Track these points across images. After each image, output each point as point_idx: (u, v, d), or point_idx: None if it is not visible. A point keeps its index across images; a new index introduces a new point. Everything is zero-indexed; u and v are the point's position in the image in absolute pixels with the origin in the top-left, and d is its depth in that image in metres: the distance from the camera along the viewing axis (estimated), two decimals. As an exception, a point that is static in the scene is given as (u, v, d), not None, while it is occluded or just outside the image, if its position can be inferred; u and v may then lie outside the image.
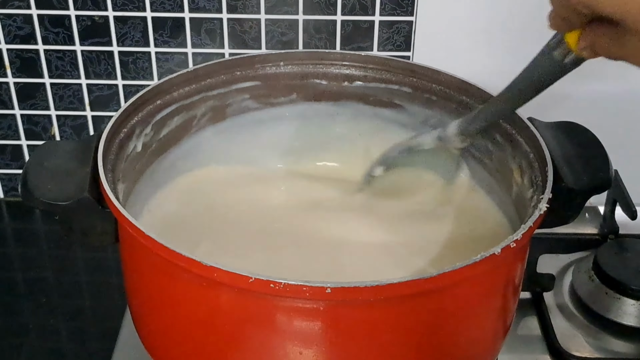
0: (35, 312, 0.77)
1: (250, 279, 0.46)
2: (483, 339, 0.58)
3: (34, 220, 0.90)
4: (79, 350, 0.73)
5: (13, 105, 0.86)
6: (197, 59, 0.83)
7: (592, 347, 0.70)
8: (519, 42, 0.82)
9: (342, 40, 0.82)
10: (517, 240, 0.51)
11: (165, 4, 0.80)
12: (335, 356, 0.51)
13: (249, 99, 0.72)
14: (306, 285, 0.46)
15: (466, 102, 0.69)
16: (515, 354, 0.69)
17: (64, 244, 0.85)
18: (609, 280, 0.72)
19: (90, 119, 0.87)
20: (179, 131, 0.69)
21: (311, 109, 0.74)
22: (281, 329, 0.51)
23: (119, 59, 0.83)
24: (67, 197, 0.55)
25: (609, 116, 0.84)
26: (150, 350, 0.61)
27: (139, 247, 0.53)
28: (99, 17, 0.81)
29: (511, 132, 0.65)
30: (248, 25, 0.81)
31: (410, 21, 0.81)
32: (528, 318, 0.73)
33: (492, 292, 0.56)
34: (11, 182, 0.91)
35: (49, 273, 0.83)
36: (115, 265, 0.61)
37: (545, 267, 0.73)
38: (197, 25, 0.81)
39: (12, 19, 0.81)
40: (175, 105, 0.68)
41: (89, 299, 0.79)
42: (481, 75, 0.70)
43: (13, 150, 0.89)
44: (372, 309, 0.49)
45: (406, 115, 0.73)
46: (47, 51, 0.83)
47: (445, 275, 0.48)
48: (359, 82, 0.73)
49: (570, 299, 0.74)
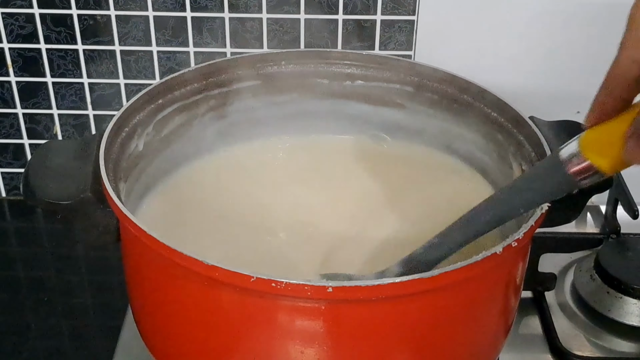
0: (37, 311, 0.77)
1: (252, 278, 0.47)
2: (484, 338, 0.58)
3: (35, 219, 0.90)
4: (81, 349, 0.73)
5: (15, 104, 0.86)
6: (198, 58, 0.83)
7: (593, 346, 0.70)
8: (520, 41, 0.83)
9: (344, 39, 0.82)
10: (518, 240, 0.51)
11: (167, 3, 0.80)
12: (336, 355, 0.51)
13: (251, 98, 0.73)
14: (307, 284, 0.46)
15: (468, 102, 0.69)
16: (517, 353, 0.69)
17: (66, 243, 0.85)
18: (611, 280, 0.72)
19: (92, 118, 0.87)
20: (180, 130, 0.69)
21: (312, 108, 0.74)
22: (282, 328, 0.51)
23: (121, 58, 0.83)
24: (68, 196, 0.55)
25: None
26: (151, 349, 0.61)
27: (140, 246, 0.53)
28: (100, 16, 0.81)
29: (512, 131, 0.65)
30: (250, 24, 0.81)
31: (412, 20, 0.81)
32: (529, 317, 0.73)
33: (494, 291, 0.56)
34: (13, 181, 0.92)
35: (50, 272, 0.83)
36: (117, 264, 0.61)
37: (547, 266, 0.73)
38: (198, 24, 0.81)
39: (14, 17, 0.81)
40: (176, 104, 0.68)
41: (90, 298, 0.79)
42: (483, 75, 0.70)
43: (15, 149, 0.89)
44: (374, 308, 0.49)
45: (408, 114, 0.73)
46: (49, 50, 0.83)
47: (447, 275, 0.48)
48: (361, 81, 0.73)
49: (571, 298, 0.74)
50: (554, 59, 0.83)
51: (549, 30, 0.82)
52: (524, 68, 0.83)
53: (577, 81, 0.84)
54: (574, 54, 0.82)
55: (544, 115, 0.65)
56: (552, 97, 0.84)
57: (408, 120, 0.73)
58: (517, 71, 0.84)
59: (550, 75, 0.84)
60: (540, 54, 0.83)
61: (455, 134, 0.71)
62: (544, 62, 0.83)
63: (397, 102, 0.73)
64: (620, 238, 0.79)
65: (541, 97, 0.84)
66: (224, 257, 0.49)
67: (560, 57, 0.83)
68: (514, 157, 0.64)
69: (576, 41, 0.82)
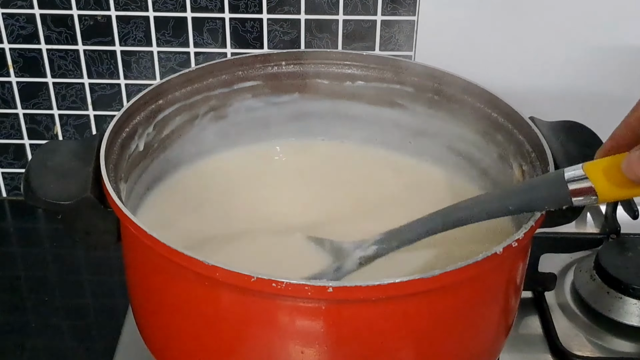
0: (38, 311, 0.77)
1: (252, 278, 0.47)
2: (484, 338, 0.58)
3: (36, 219, 0.91)
4: (82, 349, 0.73)
5: (16, 105, 0.86)
6: (199, 59, 0.83)
7: (593, 346, 0.70)
8: (520, 42, 0.83)
9: (344, 39, 0.82)
10: (518, 240, 0.51)
11: (167, 4, 0.80)
12: (336, 355, 0.51)
13: (251, 99, 0.73)
14: (308, 284, 0.46)
15: (468, 102, 0.69)
16: (517, 354, 0.69)
17: (67, 243, 0.85)
18: (611, 280, 0.72)
19: (93, 118, 0.87)
20: (181, 131, 0.69)
21: (313, 108, 0.74)
22: (283, 328, 0.51)
23: (122, 59, 0.83)
24: (69, 197, 0.55)
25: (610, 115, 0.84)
26: (152, 349, 0.61)
27: (141, 246, 0.53)
28: (101, 16, 0.81)
29: (512, 131, 0.65)
30: (250, 24, 0.81)
31: (412, 21, 0.81)
32: (529, 317, 0.73)
33: (494, 291, 0.56)
34: (14, 182, 0.92)
35: (51, 272, 0.83)
36: (118, 264, 0.61)
37: (547, 266, 0.73)
38: (199, 24, 0.81)
39: (14, 18, 0.81)
40: (177, 104, 0.68)
41: (91, 298, 0.79)
42: (483, 75, 0.70)
43: (16, 149, 0.89)
44: (374, 308, 0.49)
45: (408, 115, 0.73)
46: (49, 50, 0.83)
47: (447, 275, 0.48)
48: (361, 81, 0.73)
49: (571, 298, 0.74)
50: (554, 59, 0.83)
51: (550, 30, 0.82)
52: (524, 68, 0.84)
53: (577, 81, 0.84)
54: (574, 54, 0.82)
55: (544, 116, 0.65)
56: (552, 97, 0.84)
57: (408, 120, 0.73)
58: (517, 71, 0.84)
59: (550, 76, 0.84)
60: (540, 54, 0.83)
61: (455, 134, 0.71)
62: (544, 62, 0.83)
63: (398, 103, 0.73)
64: (620, 238, 0.79)
65: (541, 97, 0.84)
66: (224, 257, 0.49)
67: (561, 57, 0.83)
68: (514, 157, 0.64)
69: (577, 41, 0.82)
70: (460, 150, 0.72)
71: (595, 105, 0.84)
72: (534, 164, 0.61)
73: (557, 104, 0.83)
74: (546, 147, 0.60)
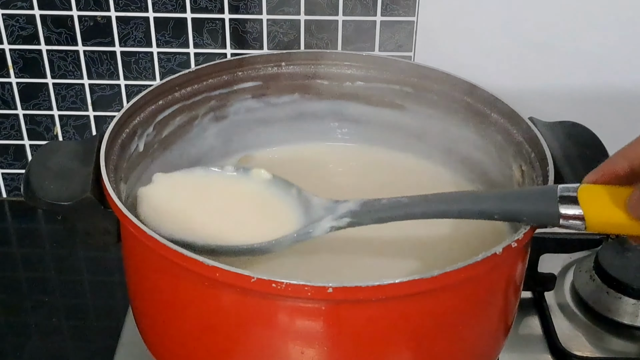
0: (38, 311, 0.77)
1: (252, 278, 0.47)
2: (484, 338, 0.58)
3: (36, 220, 0.91)
4: (81, 350, 0.73)
5: (16, 105, 0.86)
6: (199, 59, 0.83)
7: (593, 346, 0.70)
8: (520, 43, 0.83)
9: (344, 40, 0.82)
10: (518, 240, 0.51)
11: (167, 5, 0.80)
12: (337, 356, 0.52)
13: (251, 99, 0.73)
14: (308, 285, 0.46)
15: (468, 102, 0.69)
16: (517, 354, 0.69)
17: (67, 243, 0.85)
18: (610, 280, 0.72)
19: (93, 119, 0.87)
20: (180, 131, 0.69)
21: (313, 109, 0.74)
22: (283, 329, 0.51)
23: (121, 59, 0.84)
24: (69, 197, 0.55)
25: (610, 115, 0.84)
26: (152, 350, 0.61)
27: (141, 247, 0.53)
28: (101, 17, 0.81)
29: (512, 132, 0.65)
30: (250, 25, 0.81)
31: (412, 21, 0.81)
32: (529, 317, 0.73)
33: (494, 291, 0.56)
34: (14, 182, 0.92)
35: (51, 272, 0.83)
36: (118, 264, 0.62)
37: (547, 266, 0.73)
38: (199, 25, 0.82)
39: (14, 19, 0.81)
40: (177, 105, 0.68)
41: (91, 299, 0.79)
42: (482, 76, 0.70)
43: (16, 150, 0.89)
44: (374, 308, 0.49)
45: (408, 115, 0.73)
46: (49, 51, 0.83)
47: (447, 275, 0.48)
48: (361, 82, 0.73)
49: (571, 298, 0.74)
50: (554, 60, 0.83)
51: (550, 30, 0.82)
52: (524, 68, 0.84)
53: (577, 81, 0.84)
54: (574, 54, 0.82)
55: (544, 116, 0.65)
56: (552, 98, 0.85)
57: (408, 121, 0.73)
58: (517, 72, 0.84)
59: (550, 76, 0.84)
60: (540, 54, 0.83)
61: (455, 134, 0.71)
62: (544, 63, 0.83)
63: (397, 103, 0.73)
64: (620, 238, 0.78)
65: (541, 97, 0.84)
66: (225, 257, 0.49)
67: (561, 57, 0.83)
68: (514, 158, 0.64)
69: (577, 40, 0.82)
70: (460, 151, 0.72)
71: (595, 105, 0.84)
72: (533, 164, 0.61)
73: (557, 104, 0.83)
74: (545, 147, 0.60)
